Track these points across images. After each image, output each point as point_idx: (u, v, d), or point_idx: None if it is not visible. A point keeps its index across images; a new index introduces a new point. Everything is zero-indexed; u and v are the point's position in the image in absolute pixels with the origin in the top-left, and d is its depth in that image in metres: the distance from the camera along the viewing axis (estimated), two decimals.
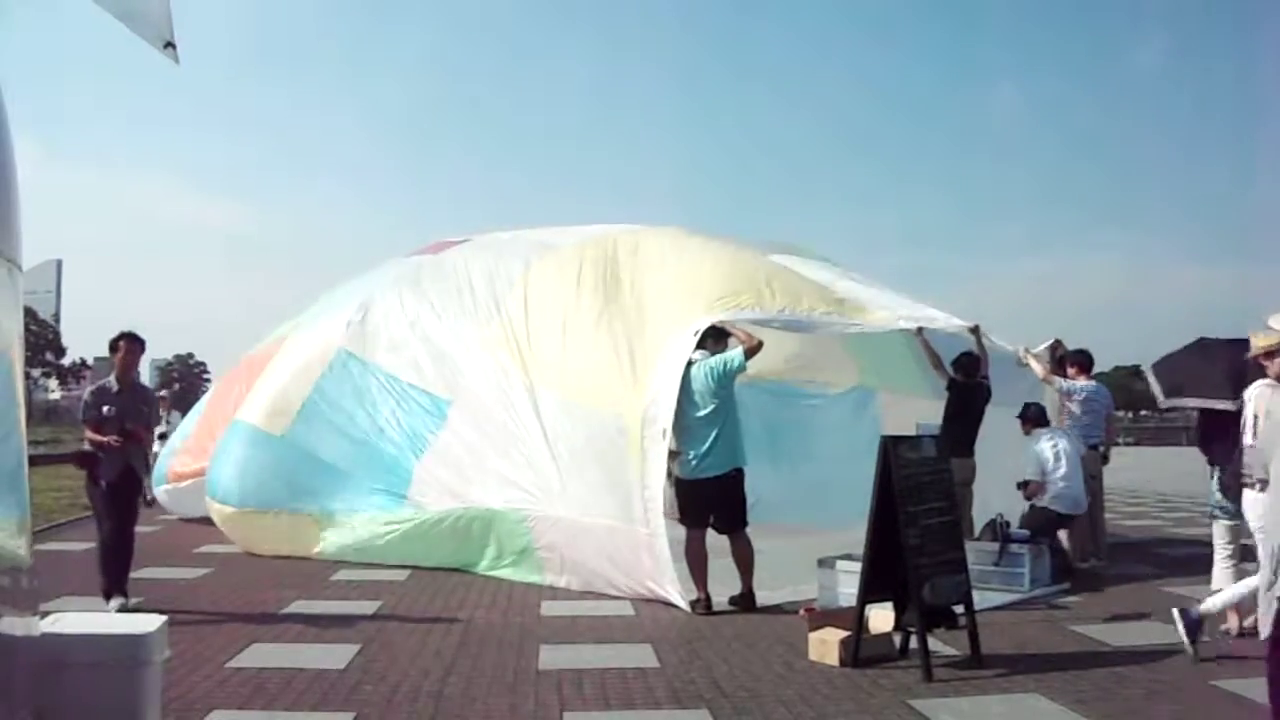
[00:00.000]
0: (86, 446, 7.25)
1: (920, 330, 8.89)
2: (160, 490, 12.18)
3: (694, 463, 7.23)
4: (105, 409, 7.14)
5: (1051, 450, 8.45)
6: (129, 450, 7.15)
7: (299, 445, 9.53)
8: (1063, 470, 8.39)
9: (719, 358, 7.37)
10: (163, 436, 13.58)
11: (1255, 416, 5.24)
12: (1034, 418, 8.81)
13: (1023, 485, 8.56)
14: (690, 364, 7.33)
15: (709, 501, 7.24)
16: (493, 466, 8.52)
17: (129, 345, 7.24)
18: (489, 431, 8.70)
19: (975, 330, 8.78)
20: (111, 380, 7.29)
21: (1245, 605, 5.93)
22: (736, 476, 7.30)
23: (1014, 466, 9.40)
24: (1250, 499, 5.54)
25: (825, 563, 7.31)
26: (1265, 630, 3.87)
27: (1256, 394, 5.37)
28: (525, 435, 8.39)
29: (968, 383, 8.84)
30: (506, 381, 8.80)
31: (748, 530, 7.37)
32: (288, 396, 9.98)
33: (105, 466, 7.09)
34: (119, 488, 7.15)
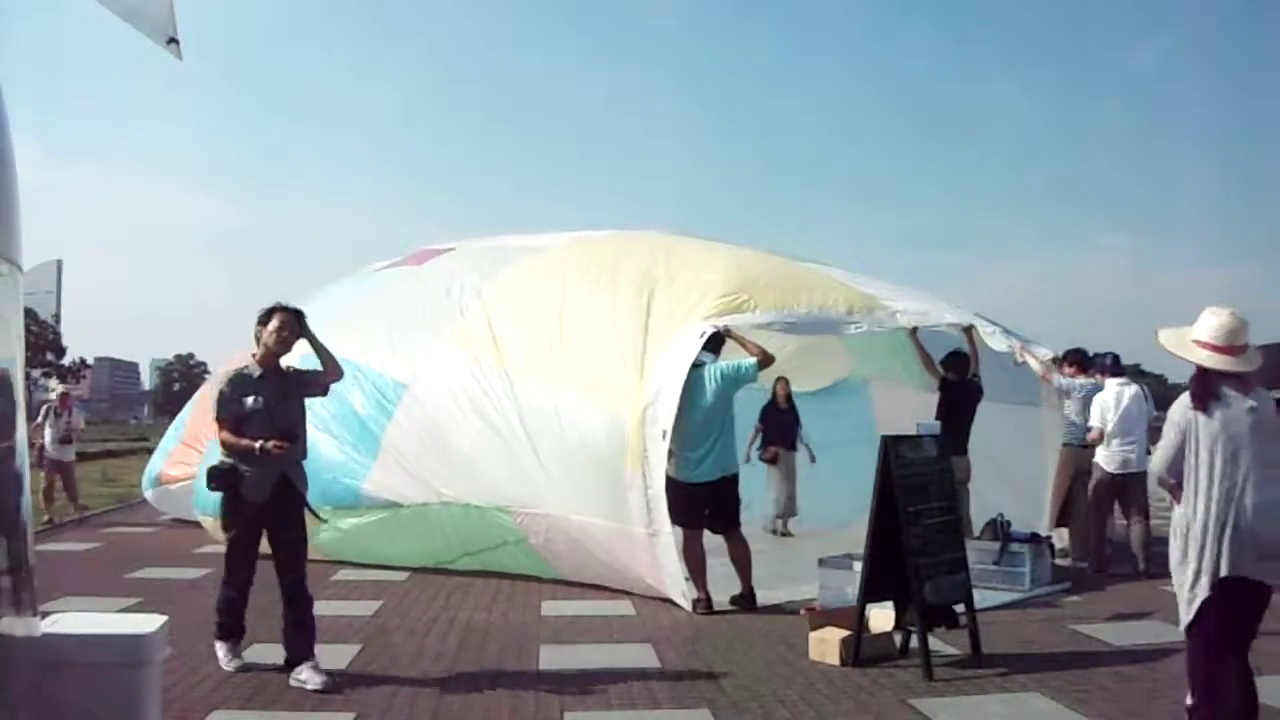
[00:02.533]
0: (222, 456, 5.42)
1: (915, 330, 8.88)
2: (150, 492, 12.09)
3: (692, 466, 7.21)
4: (250, 400, 5.38)
5: (1114, 400, 8.53)
6: (284, 457, 5.31)
7: None
8: (1111, 427, 8.49)
9: (731, 363, 7.31)
10: (65, 441, 12.74)
11: None
12: (1108, 367, 8.85)
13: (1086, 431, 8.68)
14: (699, 366, 7.28)
15: (703, 503, 7.22)
16: (464, 461, 8.20)
17: (284, 319, 5.48)
18: (461, 424, 8.33)
19: (969, 330, 8.78)
20: (252, 365, 5.52)
21: None
22: (732, 480, 7.31)
23: (1012, 466, 9.41)
24: None
25: (825, 562, 7.32)
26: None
27: None
28: (504, 432, 8.10)
29: (958, 381, 8.84)
30: (482, 375, 8.41)
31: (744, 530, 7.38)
32: None
33: (253, 482, 5.30)
34: (273, 511, 5.36)
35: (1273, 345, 6.72)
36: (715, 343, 7.49)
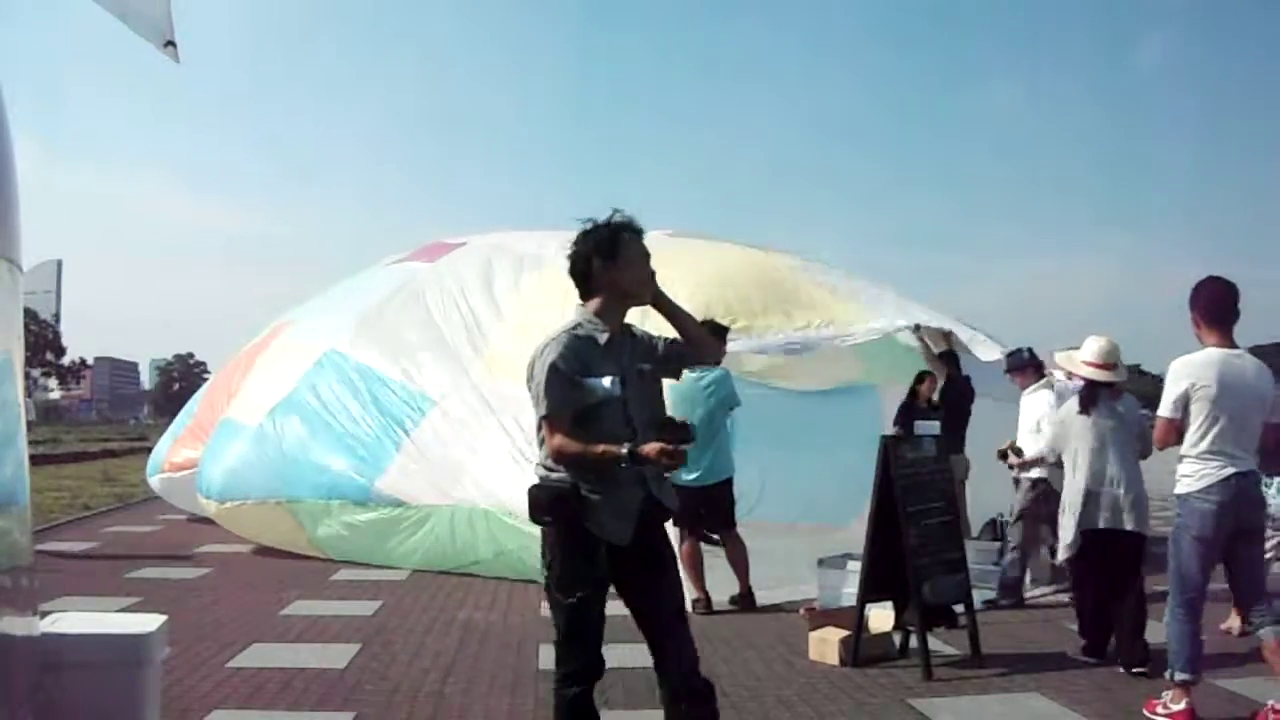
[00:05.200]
0: (544, 468, 3.47)
1: (918, 327, 8.92)
2: (154, 479, 12.04)
3: (687, 471, 7.18)
4: (608, 382, 3.31)
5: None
6: (647, 470, 3.33)
7: (271, 435, 9.43)
8: None
9: (733, 395, 7.30)
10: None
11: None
12: (1039, 366, 7.83)
13: (1015, 452, 7.25)
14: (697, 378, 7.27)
15: (699, 505, 7.21)
16: (479, 467, 8.38)
17: (646, 249, 3.40)
18: (476, 433, 8.59)
19: (947, 336, 8.82)
20: (591, 321, 3.40)
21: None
22: (726, 484, 7.32)
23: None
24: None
25: (825, 562, 7.31)
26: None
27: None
28: (518, 439, 8.24)
29: (953, 379, 8.87)
30: (490, 386, 8.76)
31: (741, 530, 7.36)
32: (268, 391, 9.94)
33: (608, 514, 3.33)
34: (640, 556, 3.44)
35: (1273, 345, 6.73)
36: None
